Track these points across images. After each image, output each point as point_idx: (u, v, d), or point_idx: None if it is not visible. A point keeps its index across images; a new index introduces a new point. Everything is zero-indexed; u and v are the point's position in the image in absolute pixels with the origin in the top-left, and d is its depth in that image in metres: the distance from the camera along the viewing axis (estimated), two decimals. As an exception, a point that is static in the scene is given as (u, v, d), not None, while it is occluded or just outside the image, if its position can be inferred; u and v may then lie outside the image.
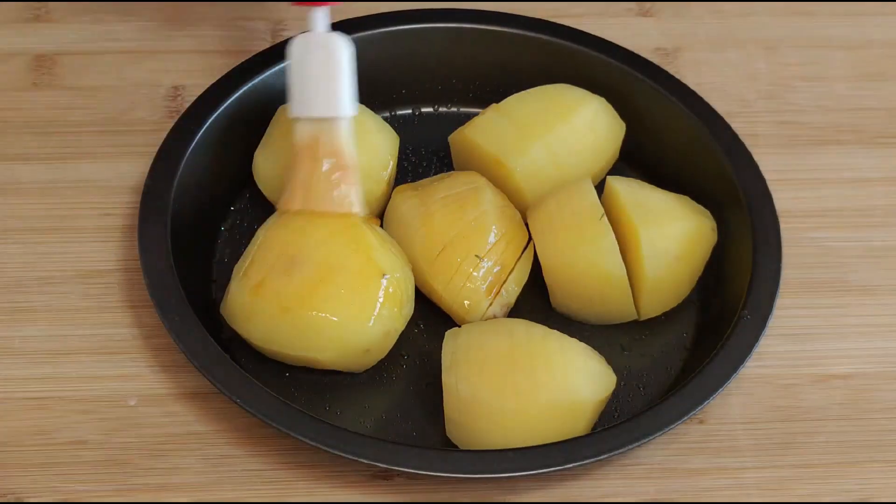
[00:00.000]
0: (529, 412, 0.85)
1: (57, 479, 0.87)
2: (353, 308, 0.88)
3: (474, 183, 0.96)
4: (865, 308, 0.98)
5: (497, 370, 0.86)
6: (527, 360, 0.86)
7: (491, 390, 0.85)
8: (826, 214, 1.04)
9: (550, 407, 0.85)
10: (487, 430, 0.86)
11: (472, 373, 0.86)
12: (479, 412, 0.86)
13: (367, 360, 0.90)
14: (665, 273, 0.93)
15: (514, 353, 0.86)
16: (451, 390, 0.87)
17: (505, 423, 0.85)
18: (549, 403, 0.85)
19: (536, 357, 0.86)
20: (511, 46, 1.05)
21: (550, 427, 0.85)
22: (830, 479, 0.89)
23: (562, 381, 0.86)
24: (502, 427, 0.85)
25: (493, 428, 0.86)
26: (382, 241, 0.91)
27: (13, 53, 1.11)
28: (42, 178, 1.02)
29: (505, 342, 0.87)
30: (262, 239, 0.91)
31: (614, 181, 0.95)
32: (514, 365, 0.86)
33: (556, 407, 0.85)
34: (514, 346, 0.87)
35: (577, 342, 0.89)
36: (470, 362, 0.86)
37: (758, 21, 1.18)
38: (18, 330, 0.94)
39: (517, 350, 0.86)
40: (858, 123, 1.10)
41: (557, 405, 0.85)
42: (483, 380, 0.86)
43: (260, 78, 1.01)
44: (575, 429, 0.86)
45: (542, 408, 0.85)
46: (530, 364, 0.86)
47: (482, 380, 0.86)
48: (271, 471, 0.87)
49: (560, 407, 0.85)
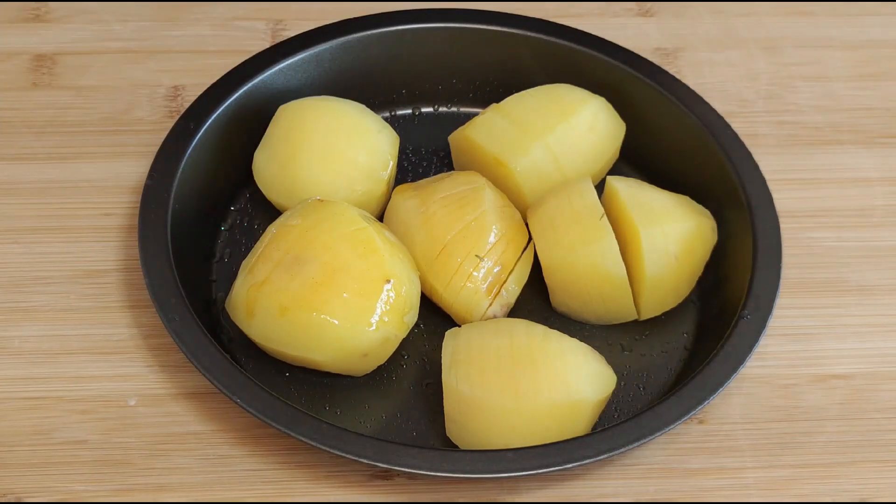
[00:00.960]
0: (530, 412, 0.85)
1: (56, 479, 0.87)
2: (354, 312, 0.87)
3: (474, 183, 0.96)
4: (865, 308, 0.98)
5: (498, 370, 0.86)
6: (527, 359, 0.86)
7: (491, 390, 0.85)
8: (826, 214, 1.04)
9: (551, 406, 0.85)
10: (488, 430, 0.86)
11: (472, 372, 0.86)
12: (479, 412, 0.86)
13: (365, 364, 0.90)
14: (665, 273, 0.93)
15: (514, 352, 0.86)
16: (451, 390, 0.87)
17: (505, 422, 0.85)
18: (550, 403, 0.85)
19: (537, 357, 0.86)
20: (511, 46, 1.05)
21: (551, 427, 0.85)
22: (829, 479, 0.89)
23: (562, 380, 0.86)
24: (503, 426, 0.85)
25: (494, 427, 0.86)
26: (391, 247, 0.90)
27: (13, 53, 1.11)
28: (41, 177, 1.02)
29: (505, 342, 0.87)
30: (272, 236, 0.91)
31: (614, 181, 0.95)
32: (514, 365, 0.86)
33: (556, 406, 0.85)
34: (515, 345, 0.87)
35: (577, 342, 0.89)
36: (470, 362, 0.86)
37: (758, 21, 1.18)
38: (18, 330, 0.94)
39: (518, 350, 0.86)
40: (858, 123, 1.10)
41: (558, 405, 0.85)
42: (483, 379, 0.86)
43: (260, 78, 1.01)
44: (575, 429, 0.86)
45: (542, 407, 0.85)
46: (531, 364, 0.86)
47: (483, 379, 0.86)
48: (270, 470, 0.87)
49: (560, 406, 0.85)
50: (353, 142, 0.96)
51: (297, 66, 1.03)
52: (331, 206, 0.91)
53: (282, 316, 0.87)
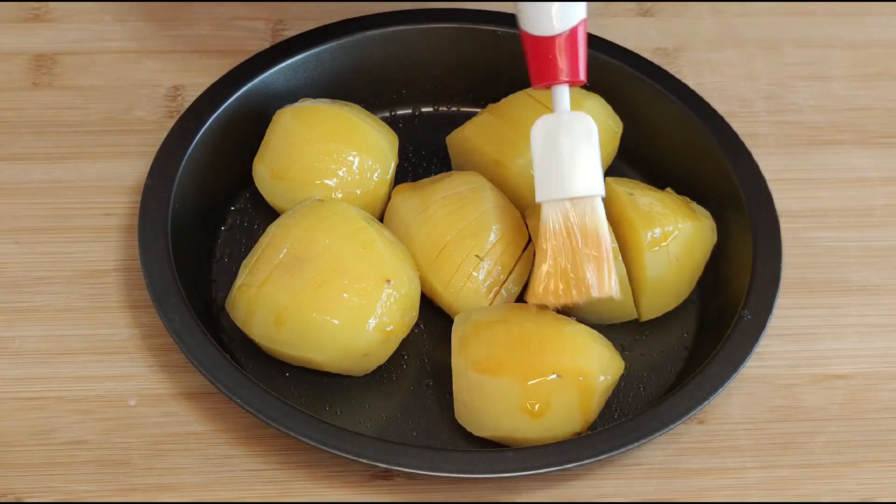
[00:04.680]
0: (539, 392, 0.85)
1: (56, 479, 0.87)
2: (354, 312, 0.87)
3: (474, 183, 0.96)
4: (865, 308, 0.98)
5: (507, 350, 0.86)
6: (537, 340, 0.86)
7: (501, 371, 0.85)
8: (826, 214, 1.04)
9: (561, 389, 0.85)
10: (496, 412, 0.86)
11: (481, 353, 0.86)
12: (488, 392, 0.85)
13: (365, 364, 0.90)
14: (665, 273, 0.93)
15: (524, 333, 0.86)
16: (460, 371, 0.86)
17: (514, 403, 0.85)
18: (560, 385, 0.85)
19: (547, 338, 0.86)
20: (511, 46, 1.05)
21: (559, 410, 0.85)
22: (830, 479, 0.89)
23: (572, 361, 0.86)
24: (511, 407, 0.85)
25: (502, 409, 0.85)
26: (391, 247, 0.90)
27: (13, 53, 1.11)
28: (41, 177, 1.02)
29: (516, 323, 0.87)
30: (272, 236, 0.91)
31: (612, 182, 0.95)
32: (524, 345, 0.86)
33: (566, 389, 0.85)
34: (525, 327, 0.87)
35: (586, 327, 0.89)
36: (480, 343, 0.86)
37: (758, 21, 1.18)
38: (18, 330, 0.94)
39: (528, 331, 0.86)
40: (858, 123, 1.10)
41: (568, 387, 0.85)
42: (493, 361, 0.85)
43: (260, 78, 1.01)
44: (584, 412, 0.86)
45: (551, 389, 0.85)
46: (540, 345, 0.86)
47: (492, 361, 0.85)
48: (271, 471, 0.87)
49: (570, 389, 0.85)
50: (353, 144, 0.96)
51: (297, 67, 1.03)
52: (331, 205, 0.91)
53: (282, 316, 0.87)
